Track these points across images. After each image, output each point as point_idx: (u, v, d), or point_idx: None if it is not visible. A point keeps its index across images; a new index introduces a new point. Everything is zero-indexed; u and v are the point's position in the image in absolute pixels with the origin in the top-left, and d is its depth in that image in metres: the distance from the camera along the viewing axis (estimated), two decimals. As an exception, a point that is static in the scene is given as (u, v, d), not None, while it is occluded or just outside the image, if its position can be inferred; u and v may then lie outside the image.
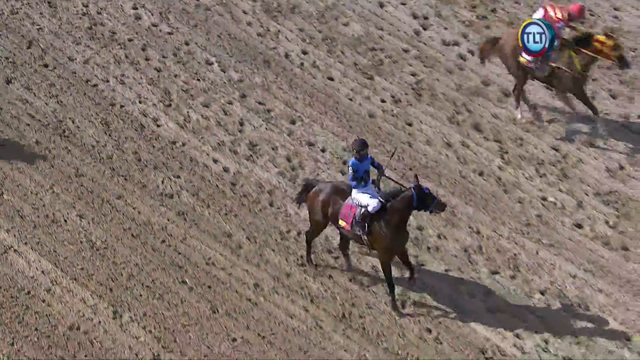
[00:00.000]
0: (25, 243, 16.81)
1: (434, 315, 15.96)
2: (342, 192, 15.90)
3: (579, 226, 17.28)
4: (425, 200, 15.30)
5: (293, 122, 18.90)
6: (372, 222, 15.57)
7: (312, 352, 15.66)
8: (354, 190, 15.69)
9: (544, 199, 17.67)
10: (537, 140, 18.47)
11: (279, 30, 20.50)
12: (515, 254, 16.87)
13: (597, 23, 20.10)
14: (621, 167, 17.97)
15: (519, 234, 17.17)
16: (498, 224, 17.29)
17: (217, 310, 16.11)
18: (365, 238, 15.69)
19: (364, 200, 15.58)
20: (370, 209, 15.51)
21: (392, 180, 16.02)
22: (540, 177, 17.99)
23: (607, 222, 17.28)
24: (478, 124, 18.76)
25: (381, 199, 15.50)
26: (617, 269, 16.67)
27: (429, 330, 15.86)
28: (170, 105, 19.17)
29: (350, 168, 15.59)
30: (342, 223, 15.80)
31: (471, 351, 15.59)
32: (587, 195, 17.70)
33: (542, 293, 16.32)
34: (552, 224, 17.33)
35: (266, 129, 18.81)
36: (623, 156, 18.12)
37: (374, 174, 15.83)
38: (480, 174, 18.08)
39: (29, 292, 16.17)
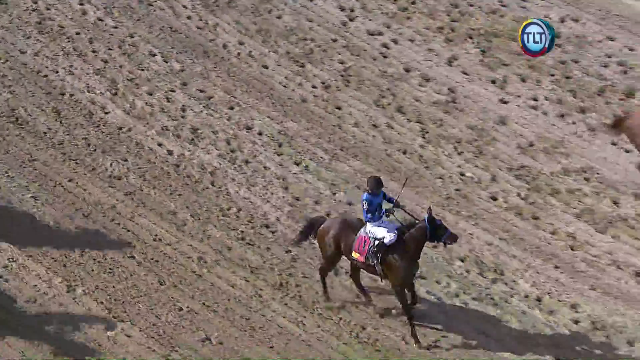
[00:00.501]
0: (-17, 224, 16.70)
1: (364, 283, 16.06)
2: (352, 226, 15.23)
3: (494, 198, 17.46)
4: (437, 232, 14.73)
5: (232, 108, 18.88)
6: (386, 253, 14.95)
7: (252, 318, 15.69)
8: (368, 224, 15.01)
9: (462, 174, 17.82)
10: (455, 121, 18.62)
11: (217, 23, 20.43)
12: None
13: (506, 14, 20.28)
14: (531, 144, 18.19)
15: (440, 206, 17.31)
16: (421, 198, 17.41)
17: (164, 283, 16.08)
18: (380, 268, 15.02)
19: (380, 233, 14.94)
20: (386, 241, 14.88)
21: (406, 211, 15.40)
22: (459, 154, 18.13)
23: (519, 195, 17.47)
24: (401, 106, 18.87)
25: (397, 231, 14.92)
26: (529, 237, 16.89)
27: (359, 296, 15.97)
28: (116, 93, 19.05)
29: (364, 202, 14.92)
30: (355, 255, 15.13)
31: (397, 312, 15.73)
32: (500, 170, 17.87)
33: (461, 260, 16.49)
34: (470, 197, 17.49)
35: (207, 114, 18.77)
36: (532, 134, 18.35)
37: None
38: (404, 152, 18.19)
39: (-13, 270, 16.06)
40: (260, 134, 18.45)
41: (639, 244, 16.61)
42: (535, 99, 18.79)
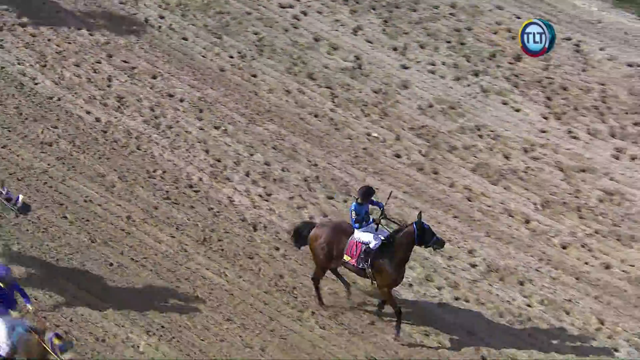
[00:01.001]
0: None
1: (281, 237, 16.18)
2: (344, 231, 14.89)
3: (398, 156, 17.66)
4: (424, 236, 14.39)
5: (154, 77, 18.75)
6: (376, 257, 14.65)
7: (179, 271, 15.73)
8: (356, 231, 14.79)
9: (369, 134, 17.98)
10: (362, 86, 18.74)
11: (138, -2, 20.23)
12: (346, 182, 17.16)
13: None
14: (430, 105, 18.40)
15: (350, 164, 17.47)
16: (331, 157, 17.56)
17: (96, 240, 16.02)
18: (369, 271, 14.72)
19: (366, 238, 14.73)
20: (371, 246, 14.65)
21: (392, 220, 15.18)
22: (365, 116, 18.28)
23: (420, 152, 17.69)
24: (312, 73, 18.93)
25: (382, 237, 14.66)
26: (430, 190, 17.13)
27: (277, 249, 16.09)
28: (45, 65, 18.77)
29: (352, 212, 14.69)
30: (347, 258, 14.79)
31: (311, 267, 15.88)
32: (403, 130, 18.07)
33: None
34: (375, 155, 17.67)
35: (131, 83, 18.61)
36: (432, 96, 18.57)
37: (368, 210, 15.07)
38: (315, 115, 18.28)
39: None
40: (181, 100, 18.37)
41: (528, 194, 17.01)
42: (433, 64, 19.00)
